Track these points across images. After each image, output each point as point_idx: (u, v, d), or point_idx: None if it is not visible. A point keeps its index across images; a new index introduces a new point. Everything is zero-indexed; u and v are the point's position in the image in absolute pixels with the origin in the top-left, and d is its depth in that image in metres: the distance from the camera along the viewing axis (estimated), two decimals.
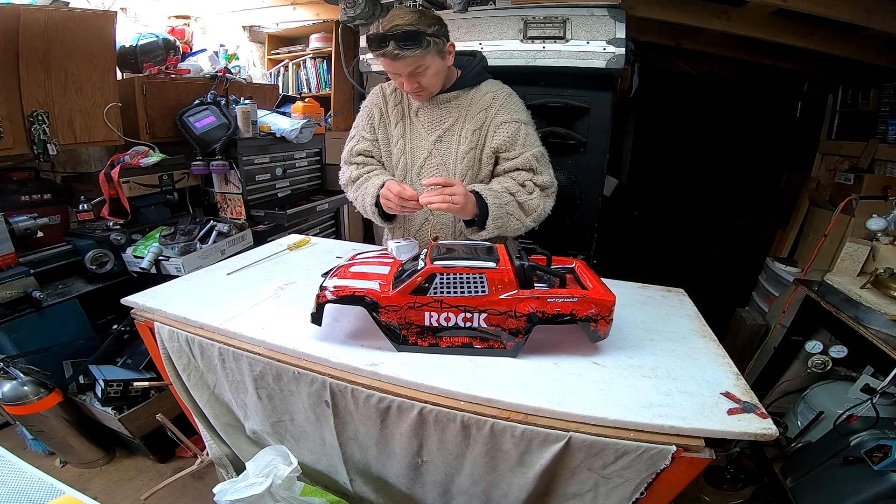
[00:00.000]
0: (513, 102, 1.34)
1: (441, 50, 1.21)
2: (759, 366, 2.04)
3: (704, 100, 2.88)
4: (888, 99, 2.24)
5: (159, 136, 2.30)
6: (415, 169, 1.38)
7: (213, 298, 1.09)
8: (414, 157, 1.38)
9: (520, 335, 0.85)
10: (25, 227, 1.72)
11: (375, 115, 1.41)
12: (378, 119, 1.41)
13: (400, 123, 1.38)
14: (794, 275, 2.19)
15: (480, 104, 1.32)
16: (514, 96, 1.36)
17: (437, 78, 1.25)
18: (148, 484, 1.70)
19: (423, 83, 1.22)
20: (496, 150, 1.32)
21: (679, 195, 3.09)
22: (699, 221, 3.09)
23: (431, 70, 1.21)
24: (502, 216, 1.23)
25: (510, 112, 1.31)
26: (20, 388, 1.55)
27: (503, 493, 0.84)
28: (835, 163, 2.53)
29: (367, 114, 1.43)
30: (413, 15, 1.15)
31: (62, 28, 1.82)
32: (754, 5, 1.90)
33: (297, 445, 1.04)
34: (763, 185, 2.90)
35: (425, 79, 1.21)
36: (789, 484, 1.50)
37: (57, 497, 0.71)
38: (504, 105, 1.31)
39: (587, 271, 0.94)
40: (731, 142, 2.91)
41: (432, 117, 1.34)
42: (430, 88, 1.26)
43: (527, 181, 1.30)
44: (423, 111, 1.35)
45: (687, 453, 0.68)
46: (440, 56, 1.22)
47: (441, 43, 1.20)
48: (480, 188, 1.23)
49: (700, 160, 2.99)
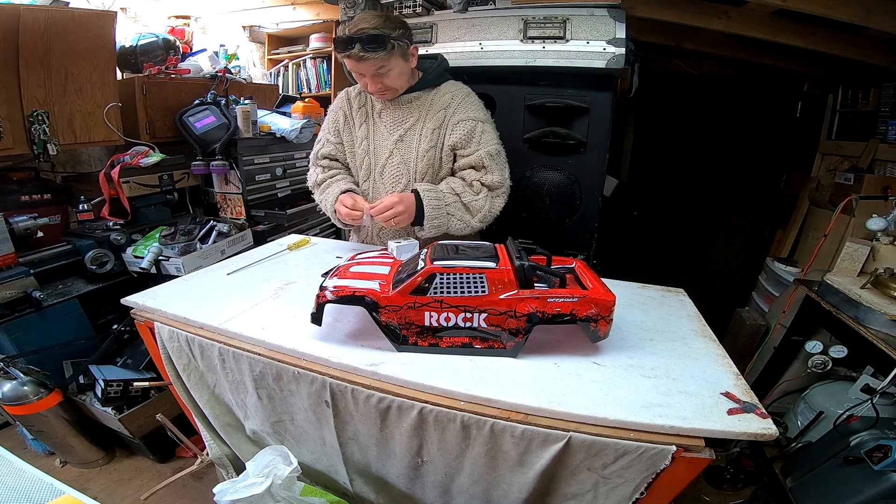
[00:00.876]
0: (470, 101, 1.40)
1: (405, 52, 1.27)
2: (759, 366, 2.04)
3: (704, 100, 2.87)
4: (888, 99, 2.24)
5: (159, 136, 2.30)
6: (377, 168, 1.43)
7: (213, 298, 1.09)
8: (377, 157, 1.43)
9: (520, 335, 0.85)
10: (25, 227, 1.72)
11: (340, 119, 1.47)
12: (343, 122, 1.46)
13: (364, 125, 1.44)
14: (794, 275, 2.18)
15: (440, 104, 1.38)
16: (473, 96, 1.43)
17: (401, 79, 1.31)
18: (148, 484, 1.70)
19: (386, 83, 1.29)
20: (453, 147, 1.37)
21: (679, 195, 3.09)
22: (699, 221, 3.09)
23: (395, 71, 1.27)
24: (441, 216, 1.30)
25: (467, 110, 1.36)
26: (20, 388, 1.55)
27: (503, 493, 0.84)
28: (835, 163, 2.53)
29: (332, 117, 1.49)
30: (378, 19, 1.22)
31: (62, 28, 1.82)
32: (754, 5, 1.90)
33: (297, 445, 1.04)
34: (763, 185, 2.90)
35: (389, 79, 1.28)
36: (789, 484, 1.50)
37: (57, 497, 0.71)
38: (462, 104, 1.37)
39: (587, 271, 0.94)
40: (731, 142, 2.91)
41: (394, 117, 1.40)
42: (393, 88, 1.32)
43: (475, 181, 1.36)
44: (385, 112, 1.41)
45: (687, 453, 0.68)
46: (403, 58, 1.28)
47: (405, 46, 1.26)
48: (422, 189, 1.31)
49: (700, 160, 2.99)
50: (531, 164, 1.84)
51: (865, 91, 2.37)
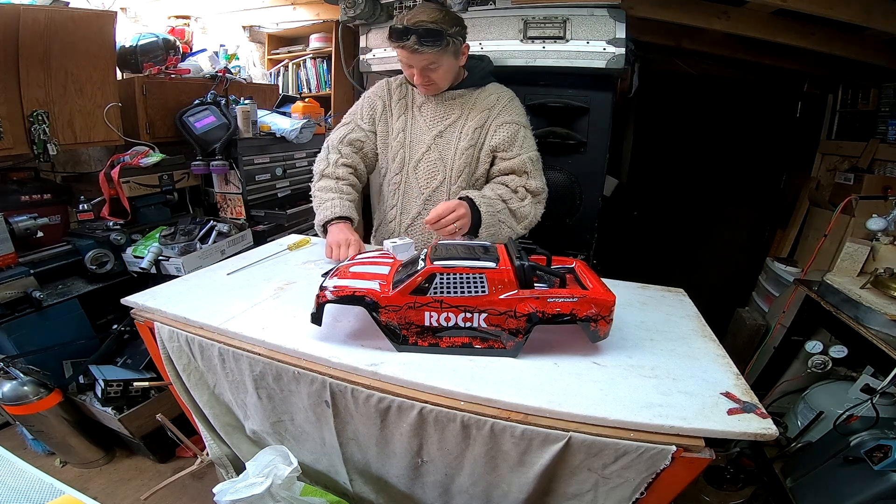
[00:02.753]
0: (515, 105, 1.40)
1: (457, 50, 1.26)
2: (759, 366, 2.04)
3: (704, 100, 2.88)
4: (888, 99, 2.24)
5: (159, 136, 2.30)
6: (412, 163, 1.40)
7: (213, 298, 1.09)
8: (412, 151, 1.40)
9: (520, 335, 0.84)
10: (25, 227, 1.72)
11: (378, 107, 1.43)
12: (381, 111, 1.42)
13: (402, 117, 1.40)
14: (794, 275, 2.18)
15: (484, 104, 1.36)
16: (517, 100, 1.42)
17: (448, 75, 1.30)
18: (148, 484, 1.70)
19: (434, 78, 1.27)
20: (494, 149, 1.36)
21: (679, 195, 3.09)
22: (699, 221, 3.09)
23: (444, 67, 1.26)
24: (494, 224, 1.27)
25: (511, 114, 1.36)
26: (20, 388, 1.55)
27: (503, 493, 0.84)
28: (835, 163, 2.53)
29: (368, 104, 1.44)
30: (438, 13, 1.20)
31: (62, 28, 1.82)
32: (754, 5, 1.90)
33: (297, 445, 1.04)
34: (763, 185, 2.90)
35: (437, 74, 1.26)
36: (789, 484, 1.50)
37: (57, 497, 0.71)
38: (507, 107, 1.37)
39: (587, 271, 0.94)
40: (731, 142, 2.91)
41: (436, 112, 1.37)
42: (439, 84, 1.30)
43: (519, 187, 1.34)
44: (426, 106, 1.38)
45: (687, 453, 0.68)
46: (455, 56, 1.27)
47: (458, 43, 1.25)
48: (474, 195, 1.27)
49: (700, 160, 2.99)
50: None
51: (865, 91, 2.37)
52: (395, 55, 2.48)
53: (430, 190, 1.41)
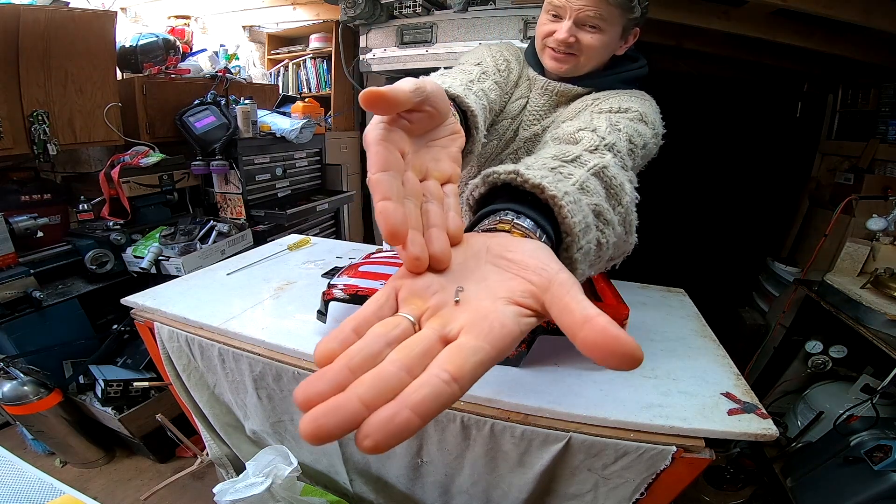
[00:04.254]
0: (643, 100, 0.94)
1: (630, 25, 0.91)
2: (759, 366, 2.04)
3: (704, 100, 2.88)
4: (888, 99, 2.24)
5: (159, 136, 2.30)
6: (495, 161, 1.04)
7: (213, 298, 1.09)
8: (505, 146, 1.03)
9: (522, 344, 0.82)
10: (25, 227, 1.72)
11: (514, 71, 1.00)
12: (514, 80, 1.00)
13: (520, 101, 1.01)
14: (794, 275, 2.19)
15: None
16: (648, 98, 0.97)
17: (599, 51, 0.91)
18: (148, 484, 1.70)
19: (583, 41, 0.89)
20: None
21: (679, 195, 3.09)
22: (699, 221, 3.09)
23: (603, 36, 0.89)
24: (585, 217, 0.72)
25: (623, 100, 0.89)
26: (20, 388, 1.55)
27: (503, 494, 0.84)
28: (835, 163, 2.53)
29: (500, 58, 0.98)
30: None
31: (62, 28, 1.82)
32: (754, 5, 1.90)
33: (297, 445, 1.04)
34: (763, 185, 2.91)
35: (589, 38, 0.89)
36: (789, 484, 1.50)
37: (57, 497, 0.71)
38: (620, 94, 0.93)
39: (603, 281, 0.92)
40: (731, 142, 2.91)
41: (541, 105, 0.99)
42: (583, 56, 0.91)
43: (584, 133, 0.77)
44: (534, 95, 1.00)
45: (687, 454, 0.68)
46: (622, 30, 0.91)
47: (635, 21, 0.91)
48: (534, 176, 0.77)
49: (700, 160, 2.99)
50: None
51: (865, 91, 2.37)
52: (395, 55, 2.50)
53: None
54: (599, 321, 0.27)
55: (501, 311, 0.29)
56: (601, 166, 0.54)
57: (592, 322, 0.27)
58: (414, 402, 0.25)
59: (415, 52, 2.28)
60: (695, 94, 2.87)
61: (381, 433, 0.24)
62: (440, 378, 0.25)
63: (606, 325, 0.27)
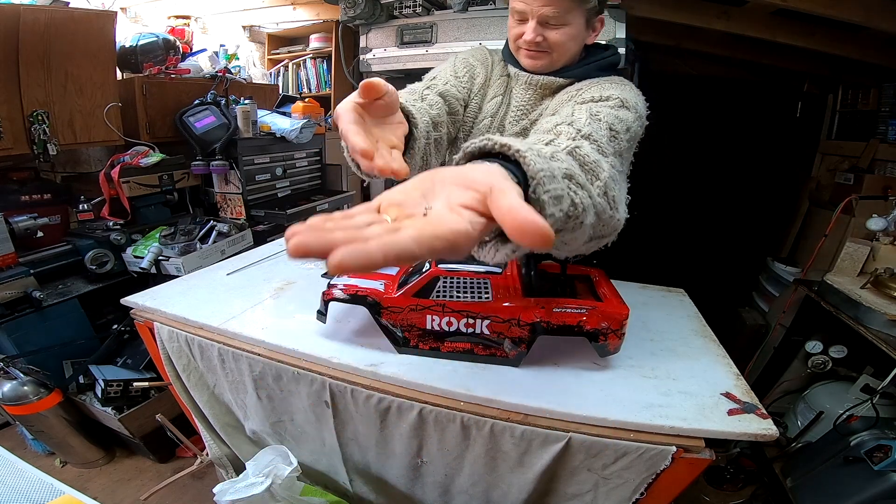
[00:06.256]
0: (618, 84, 0.96)
1: (592, 17, 0.96)
2: (759, 366, 2.04)
3: (704, 100, 2.88)
4: (888, 99, 2.24)
5: (159, 136, 2.30)
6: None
7: (213, 298, 1.09)
8: None
9: (522, 345, 0.82)
10: (25, 227, 1.72)
11: (480, 75, 1.05)
12: (482, 82, 1.05)
13: (495, 100, 1.05)
14: (794, 275, 2.19)
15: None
16: (630, 85, 0.99)
17: (569, 45, 0.96)
18: (148, 484, 1.70)
19: (550, 40, 0.94)
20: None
21: (679, 195, 3.09)
22: (699, 221, 3.09)
23: (569, 30, 0.93)
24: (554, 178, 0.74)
25: (606, 87, 0.92)
26: (20, 388, 1.55)
27: (503, 494, 0.84)
28: (835, 163, 2.53)
29: (466, 65, 1.06)
30: None
31: (62, 28, 1.82)
32: (754, 5, 1.90)
33: (297, 445, 1.04)
34: (763, 185, 2.91)
35: (556, 36, 0.93)
36: (789, 484, 1.50)
37: (57, 497, 0.71)
38: (601, 83, 0.95)
39: (604, 281, 0.92)
40: (731, 142, 2.91)
41: (524, 102, 1.03)
42: (554, 51, 0.96)
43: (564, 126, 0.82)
44: (518, 90, 1.04)
45: (687, 454, 0.68)
46: (587, 24, 0.96)
47: (595, 10, 0.95)
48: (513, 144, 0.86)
49: (700, 160, 2.99)
50: None
51: (865, 91, 2.37)
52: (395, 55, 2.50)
53: None
54: (521, 210, 0.35)
55: (452, 213, 0.37)
56: (574, 147, 0.62)
57: (515, 210, 0.35)
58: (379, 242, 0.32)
59: (415, 52, 2.28)
60: (695, 94, 2.87)
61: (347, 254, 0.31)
62: (406, 233, 0.33)
63: (526, 212, 0.35)
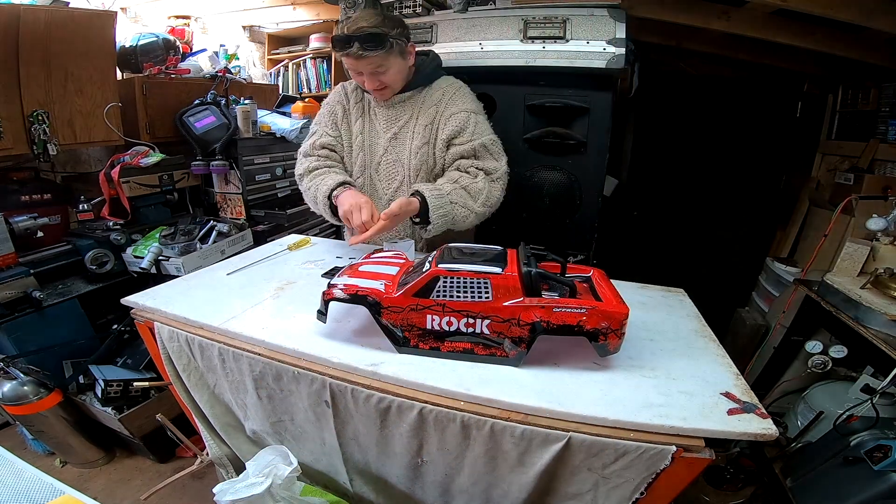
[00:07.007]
0: (463, 94, 1.41)
1: (403, 51, 1.30)
2: (759, 366, 2.04)
3: (704, 100, 2.87)
4: (888, 99, 2.24)
5: (159, 136, 2.30)
6: (373, 165, 1.45)
7: (213, 298, 1.09)
8: (372, 154, 1.44)
9: (522, 344, 0.82)
10: (25, 227, 1.72)
11: (339, 112, 1.47)
12: (341, 116, 1.46)
13: (360, 120, 1.45)
14: (794, 275, 2.18)
15: (432, 100, 1.40)
16: (465, 88, 1.44)
17: (399, 76, 1.33)
18: (148, 484, 1.70)
19: (384, 81, 1.30)
20: (448, 139, 1.37)
21: (679, 195, 3.09)
22: (699, 221, 3.09)
23: (393, 69, 1.29)
24: (444, 206, 1.25)
25: (459, 103, 1.38)
26: (20, 388, 1.55)
27: (503, 493, 0.84)
28: (835, 163, 2.52)
29: (329, 111, 1.48)
30: (377, 17, 1.25)
31: (62, 28, 1.82)
32: (754, 5, 1.90)
33: (297, 445, 1.04)
34: (763, 185, 2.90)
35: (387, 77, 1.29)
36: (789, 484, 1.50)
37: (57, 497, 0.71)
38: (454, 97, 1.39)
39: (604, 282, 0.92)
40: (731, 142, 2.91)
41: (388, 115, 1.41)
42: (392, 86, 1.33)
43: (470, 167, 1.35)
44: (380, 109, 1.42)
45: (687, 453, 0.68)
46: (402, 56, 1.31)
47: (403, 44, 1.29)
48: (425, 188, 1.26)
49: (700, 160, 2.99)
50: (531, 164, 1.84)
51: (865, 91, 2.36)
52: None
53: (391, 191, 1.44)
54: (387, 212, 1.17)
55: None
56: (463, 184, 1.31)
57: (384, 215, 1.17)
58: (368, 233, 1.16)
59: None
60: (695, 95, 2.87)
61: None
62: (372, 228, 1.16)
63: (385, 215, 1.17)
